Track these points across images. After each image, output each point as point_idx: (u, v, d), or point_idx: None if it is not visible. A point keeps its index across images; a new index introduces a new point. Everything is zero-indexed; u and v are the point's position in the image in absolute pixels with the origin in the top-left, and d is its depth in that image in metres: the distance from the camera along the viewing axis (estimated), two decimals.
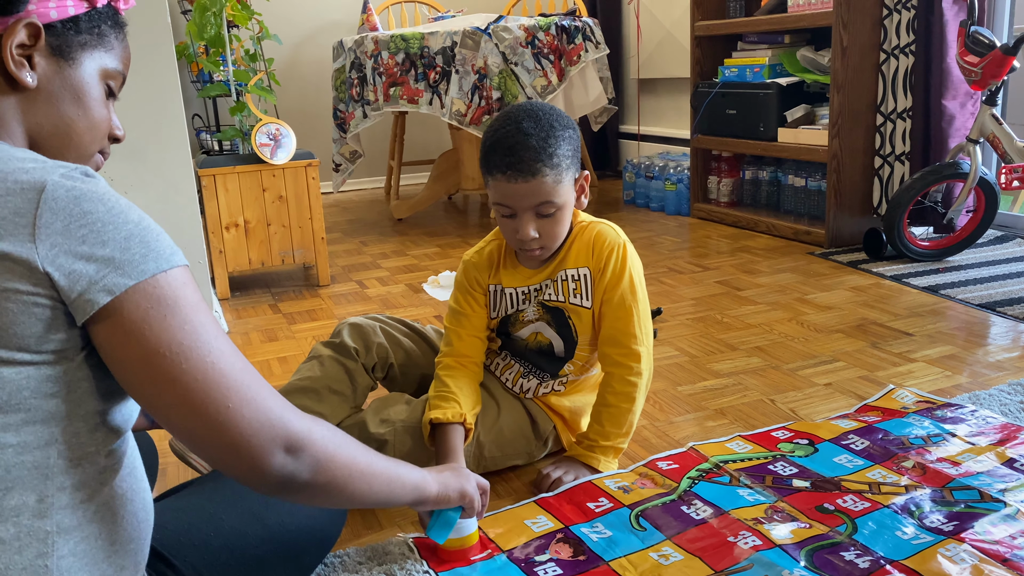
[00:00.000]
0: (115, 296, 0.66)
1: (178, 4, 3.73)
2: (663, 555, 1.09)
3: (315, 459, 0.75)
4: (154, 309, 0.68)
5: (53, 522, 0.67)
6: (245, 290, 2.59)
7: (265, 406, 0.72)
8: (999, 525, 1.10)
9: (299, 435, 0.73)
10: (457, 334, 1.34)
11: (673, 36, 3.83)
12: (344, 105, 3.34)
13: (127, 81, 0.86)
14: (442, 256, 2.91)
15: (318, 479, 0.76)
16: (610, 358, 1.29)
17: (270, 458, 0.71)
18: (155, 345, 0.68)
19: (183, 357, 0.68)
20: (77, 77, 0.77)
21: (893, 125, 2.64)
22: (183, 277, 0.71)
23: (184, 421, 0.70)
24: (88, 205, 0.67)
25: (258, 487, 0.74)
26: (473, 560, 1.11)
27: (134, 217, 0.70)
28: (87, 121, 0.79)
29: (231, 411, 0.70)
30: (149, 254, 0.69)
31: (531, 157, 1.16)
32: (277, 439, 0.72)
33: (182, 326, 0.69)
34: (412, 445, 1.29)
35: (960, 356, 1.76)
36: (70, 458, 0.68)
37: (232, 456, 0.71)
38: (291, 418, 0.74)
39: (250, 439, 0.70)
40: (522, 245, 1.24)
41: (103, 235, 0.67)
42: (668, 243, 2.94)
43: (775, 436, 1.41)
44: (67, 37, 0.76)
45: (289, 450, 0.73)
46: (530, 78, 3.10)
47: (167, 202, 2.08)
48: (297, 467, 0.74)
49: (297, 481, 0.74)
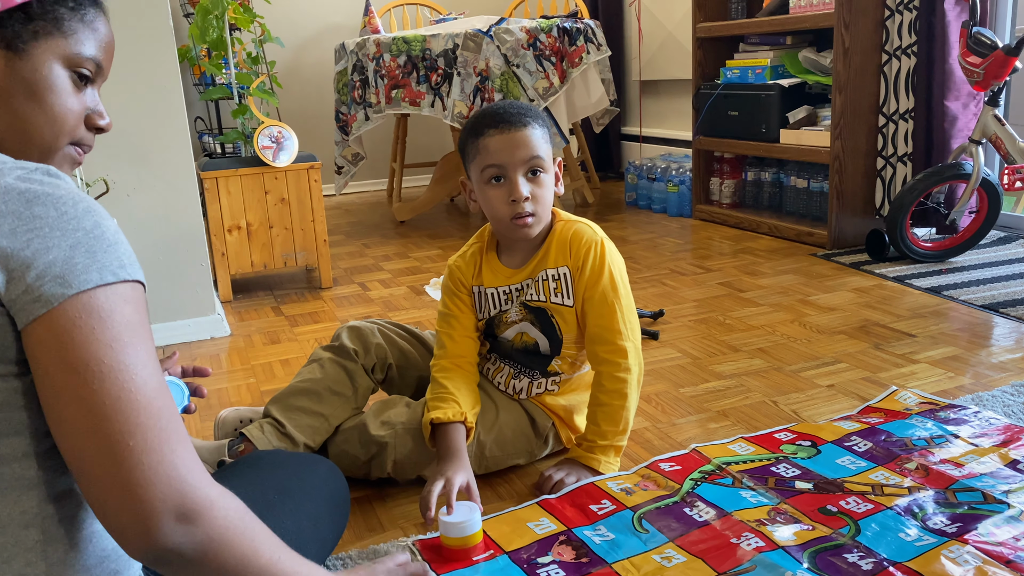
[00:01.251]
0: (52, 307, 0.62)
1: (180, 7, 3.73)
2: (666, 557, 1.09)
3: (208, 538, 0.65)
4: (82, 320, 0.63)
5: (40, 531, 0.66)
6: (247, 293, 2.59)
7: (170, 459, 0.63)
8: (1003, 527, 1.10)
9: (198, 503, 0.64)
10: (449, 336, 1.35)
11: (675, 38, 3.83)
12: (346, 107, 3.35)
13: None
14: (444, 258, 2.91)
15: (205, 562, 0.65)
16: (598, 356, 1.30)
17: (158, 520, 0.62)
18: (73, 358, 0.62)
19: (99, 377, 0.62)
20: (28, 70, 0.72)
21: (895, 126, 2.63)
22: (128, 294, 0.66)
23: (79, 447, 0.62)
24: (39, 209, 0.64)
25: (137, 553, 0.64)
26: (475, 560, 1.10)
27: (87, 224, 0.65)
28: (44, 116, 0.74)
29: (130, 449, 0.62)
30: (92, 265, 0.64)
31: (519, 113, 1.26)
32: (172, 499, 0.63)
33: (109, 344, 0.63)
34: (413, 447, 1.29)
35: (963, 357, 1.75)
36: (52, 468, 0.67)
37: (118, 504, 0.62)
38: (195, 482, 0.64)
39: (143, 490, 0.62)
40: (515, 210, 1.25)
41: (48, 240, 0.63)
42: (670, 245, 2.94)
43: (777, 438, 1.41)
44: (14, 28, 0.71)
45: (182, 517, 0.63)
46: (532, 80, 3.10)
47: (169, 205, 2.09)
48: (183, 540, 0.63)
49: (179, 557, 0.64)
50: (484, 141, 1.24)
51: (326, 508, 1.06)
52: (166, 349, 2.09)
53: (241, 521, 0.68)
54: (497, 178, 1.25)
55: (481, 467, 1.33)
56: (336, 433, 1.34)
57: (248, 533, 0.69)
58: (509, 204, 1.24)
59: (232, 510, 0.68)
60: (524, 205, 1.24)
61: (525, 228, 1.27)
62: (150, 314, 2.27)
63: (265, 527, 0.72)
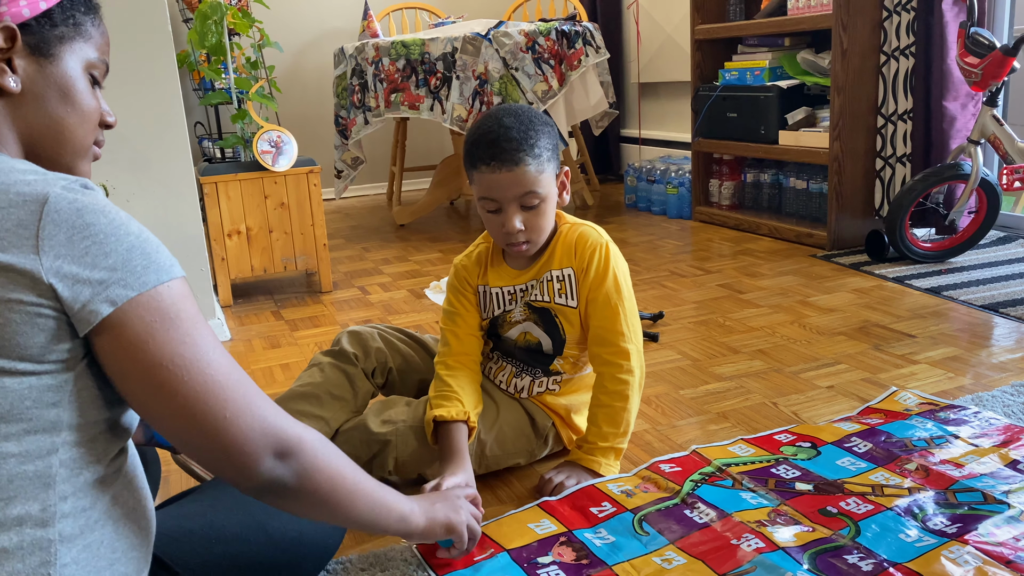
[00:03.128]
0: (117, 307, 0.67)
1: (179, 12, 3.74)
2: (666, 559, 1.09)
3: (302, 466, 0.77)
4: (157, 322, 0.69)
5: (56, 531, 0.67)
6: (247, 297, 2.60)
7: (260, 414, 0.74)
8: (1003, 527, 1.10)
9: (290, 441, 0.75)
10: (454, 333, 1.36)
11: (673, 40, 3.84)
12: (345, 111, 3.35)
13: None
14: (444, 261, 2.91)
15: (304, 486, 0.77)
16: (600, 358, 1.30)
17: (260, 461, 0.73)
18: (158, 358, 0.69)
19: (184, 370, 0.70)
20: (60, 73, 0.76)
21: (894, 127, 2.64)
22: (182, 289, 0.72)
23: (182, 430, 0.71)
24: (90, 217, 0.67)
25: (246, 489, 0.76)
26: (476, 560, 1.10)
27: (134, 230, 0.70)
28: (77, 116, 0.78)
29: (227, 420, 0.72)
30: (150, 266, 0.69)
31: (513, 147, 1.20)
32: (269, 444, 0.74)
33: (183, 339, 0.70)
34: (416, 444, 1.30)
35: (963, 358, 1.75)
36: (72, 467, 0.68)
37: (224, 459, 0.73)
38: (284, 424, 0.76)
39: (243, 445, 0.72)
40: (508, 239, 1.26)
41: (105, 247, 0.67)
42: (670, 246, 2.94)
43: (777, 439, 1.41)
44: (44, 34, 0.74)
45: (279, 455, 0.75)
46: (531, 83, 3.10)
47: (169, 210, 2.09)
48: (284, 472, 0.75)
49: (282, 486, 0.76)
50: (478, 175, 1.24)
51: None
52: None
53: (326, 450, 0.80)
54: (492, 208, 1.25)
55: (481, 466, 1.34)
56: (336, 435, 1.34)
57: (333, 460, 0.81)
58: (503, 234, 1.26)
59: (318, 441, 0.79)
60: (517, 236, 1.25)
61: (519, 253, 1.30)
62: None
63: (343, 455, 0.84)
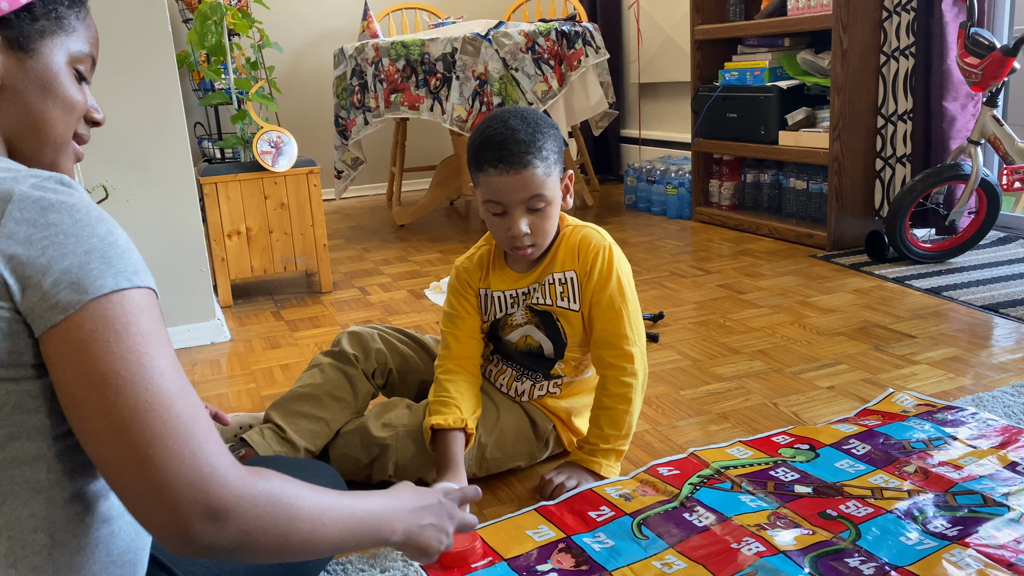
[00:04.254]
0: (67, 314, 0.63)
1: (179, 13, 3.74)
2: (666, 564, 1.08)
3: (240, 531, 0.66)
4: (99, 332, 0.63)
5: (48, 535, 0.66)
6: (247, 298, 2.60)
7: (191, 462, 0.64)
8: (1003, 529, 1.10)
9: (223, 502, 0.65)
10: (455, 336, 1.35)
11: (673, 40, 3.84)
12: (345, 112, 3.35)
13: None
14: (444, 262, 2.91)
15: (243, 551, 0.67)
16: (603, 360, 1.30)
17: (189, 521, 0.64)
18: (91, 370, 0.63)
19: (117, 389, 0.63)
20: (41, 68, 0.74)
21: (894, 127, 2.63)
22: (142, 301, 0.66)
23: (105, 455, 0.64)
24: (54, 216, 0.65)
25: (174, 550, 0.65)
26: (474, 568, 1.10)
27: (100, 231, 0.66)
28: (59, 112, 0.76)
29: (151, 459, 0.63)
30: (108, 271, 0.65)
31: (521, 150, 1.20)
32: (197, 502, 0.64)
33: (126, 355, 0.64)
34: (415, 450, 1.30)
35: (963, 358, 1.75)
36: (61, 472, 0.67)
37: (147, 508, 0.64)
38: (219, 481, 0.65)
39: (167, 496, 0.63)
40: (514, 243, 1.25)
41: (64, 247, 0.64)
42: (670, 247, 2.94)
43: (776, 441, 1.41)
44: (23, 28, 0.72)
45: (210, 518, 0.64)
46: (531, 83, 3.10)
47: (169, 210, 2.09)
48: (217, 538, 0.65)
49: (218, 552, 0.66)
50: (485, 177, 1.23)
51: None
52: None
53: (273, 507, 0.68)
54: (498, 211, 1.24)
55: (482, 469, 1.33)
56: (337, 436, 1.34)
57: (282, 516, 0.69)
58: (508, 237, 1.25)
59: (263, 498, 0.68)
60: (523, 239, 1.25)
61: (525, 257, 1.30)
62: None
63: (304, 495, 0.72)
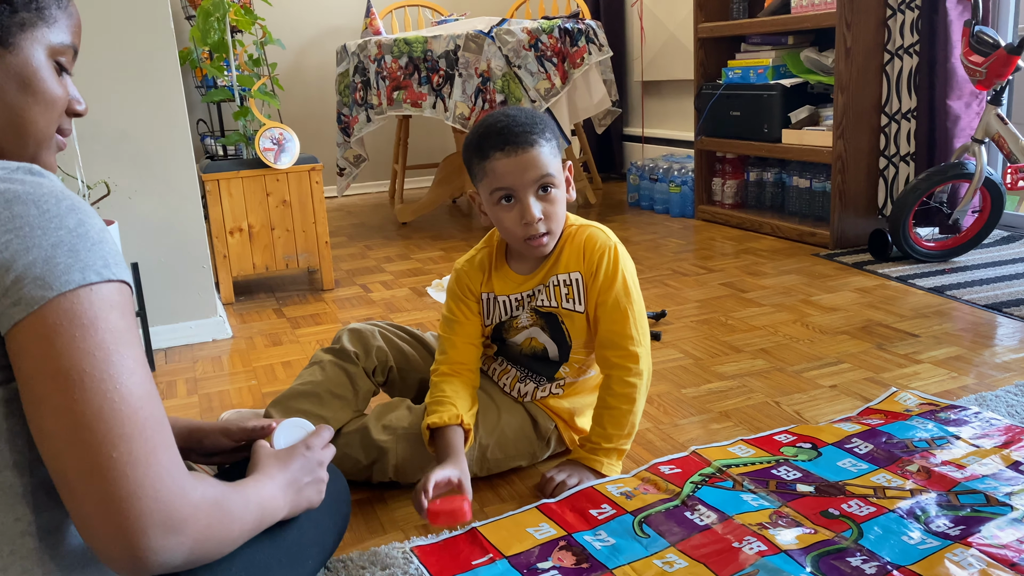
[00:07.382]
0: (32, 310, 0.60)
1: (182, 9, 3.74)
2: (667, 562, 1.08)
3: (194, 541, 0.64)
4: (64, 327, 0.60)
5: (37, 539, 0.65)
6: (249, 294, 2.59)
7: (155, 471, 0.61)
8: (1006, 529, 1.09)
9: (183, 511, 0.63)
10: (451, 342, 1.34)
11: (676, 38, 3.83)
12: (348, 109, 3.35)
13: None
14: (446, 260, 2.91)
15: (191, 562, 0.66)
16: (608, 360, 1.29)
17: (142, 534, 0.60)
18: (54, 366, 0.60)
19: (79, 386, 0.60)
20: (20, 63, 0.71)
21: (898, 126, 2.63)
22: (113, 297, 0.63)
23: (61, 458, 0.60)
24: (19, 208, 0.62)
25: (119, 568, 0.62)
26: (474, 565, 1.10)
27: (70, 223, 0.63)
28: (40, 106, 0.73)
29: (113, 462, 0.60)
30: (75, 265, 0.62)
31: (524, 131, 1.21)
32: (157, 511, 0.61)
33: (92, 351, 0.61)
34: (414, 452, 1.29)
35: (966, 357, 1.75)
36: (42, 476, 0.65)
37: (100, 517, 0.60)
38: (180, 490, 0.63)
39: (125, 503, 0.60)
40: (528, 231, 1.23)
41: (29, 240, 0.61)
42: (672, 245, 2.93)
43: (777, 440, 1.40)
44: (1, 21, 0.70)
45: (169, 529, 0.62)
46: (533, 81, 3.09)
47: (171, 207, 2.09)
48: (172, 552, 0.63)
49: (168, 567, 0.64)
50: (491, 164, 1.21)
51: (327, 510, 1.05)
52: (168, 353, 2.09)
53: (219, 512, 0.68)
54: (507, 198, 1.22)
55: (483, 469, 1.33)
56: (338, 436, 1.34)
57: (225, 520, 0.69)
58: (522, 226, 1.22)
59: (212, 504, 0.67)
60: (538, 226, 1.22)
61: (540, 247, 1.26)
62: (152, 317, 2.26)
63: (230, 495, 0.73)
